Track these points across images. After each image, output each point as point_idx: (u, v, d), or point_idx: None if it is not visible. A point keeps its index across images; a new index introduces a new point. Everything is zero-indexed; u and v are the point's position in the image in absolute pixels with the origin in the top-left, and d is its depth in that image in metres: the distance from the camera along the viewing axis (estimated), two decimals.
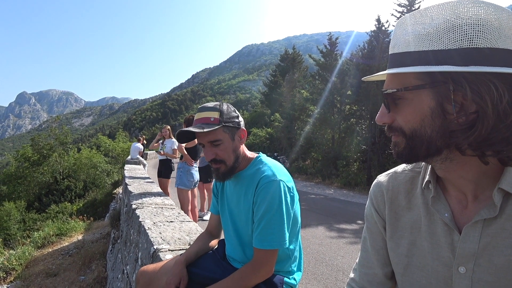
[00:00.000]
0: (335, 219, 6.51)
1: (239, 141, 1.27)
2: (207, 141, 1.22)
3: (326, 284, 3.34)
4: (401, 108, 0.59)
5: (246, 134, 1.31)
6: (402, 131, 0.60)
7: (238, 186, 1.28)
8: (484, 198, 0.59)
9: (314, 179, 14.57)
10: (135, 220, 2.66)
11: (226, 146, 1.22)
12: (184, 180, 4.42)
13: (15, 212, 16.45)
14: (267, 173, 1.18)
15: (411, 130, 0.58)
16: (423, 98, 0.55)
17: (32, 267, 5.64)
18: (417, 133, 0.57)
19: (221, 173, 1.24)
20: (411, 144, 0.59)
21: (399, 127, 0.60)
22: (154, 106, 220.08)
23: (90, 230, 7.72)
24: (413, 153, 0.60)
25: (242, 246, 1.28)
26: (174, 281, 1.23)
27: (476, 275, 0.58)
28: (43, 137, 23.29)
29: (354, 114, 15.25)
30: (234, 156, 1.24)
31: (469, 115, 0.52)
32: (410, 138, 0.59)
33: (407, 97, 0.57)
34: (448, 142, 0.55)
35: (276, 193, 1.13)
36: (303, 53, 28.44)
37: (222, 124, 1.20)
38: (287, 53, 25.06)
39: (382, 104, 0.64)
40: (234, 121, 1.25)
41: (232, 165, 1.24)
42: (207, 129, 1.17)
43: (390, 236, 0.73)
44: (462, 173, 0.59)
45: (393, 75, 0.60)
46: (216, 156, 1.22)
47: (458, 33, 0.51)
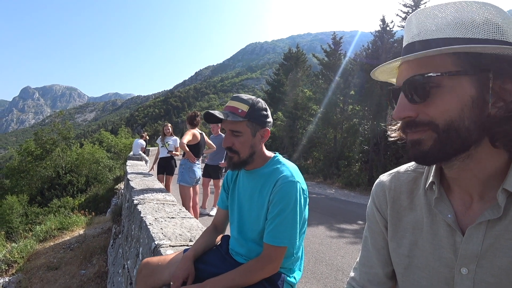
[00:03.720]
0: (336, 219, 6.50)
1: (260, 139, 1.29)
2: (229, 128, 1.26)
3: (325, 284, 3.34)
4: (436, 97, 0.54)
5: (269, 135, 1.33)
6: (433, 124, 0.54)
7: (253, 183, 1.30)
8: (488, 199, 0.59)
9: (315, 179, 14.56)
10: (137, 215, 2.67)
11: (245, 139, 1.25)
12: (186, 177, 4.44)
13: (17, 206, 16.54)
14: (286, 174, 1.21)
15: (448, 122, 0.53)
16: (464, 85, 0.52)
17: (34, 260, 5.68)
18: (454, 125, 0.52)
19: (232, 162, 1.28)
20: (444, 138, 0.53)
21: (427, 120, 0.55)
22: (157, 102, 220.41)
23: (91, 225, 7.76)
24: (444, 150, 0.54)
25: (246, 241, 1.29)
26: (183, 275, 1.24)
27: (478, 276, 0.57)
28: (46, 131, 23.37)
29: (357, 114, 15.23)
30: (250, 151, 1.27)
31: (509, 104, 0.50)
32: (445, 131, 0.53)
33: (446, 84, 0.53)
34: (482, 135, 0.53)
35: (293, 193, 1.17)
36: (307, 52, 28.33)
37: (248, 118, 1.23)
38: (291, 51, 24.97)
39: (400, 96, 0.57)
40: (261, 119, 1.26)
41: (245, 159, 1.27)
42: (230, 118, 1.21)
43: (392, 236, 0.72)
44: (476, 171, 0.57)
45: (419, 61, 0.55)
46: (233, 146, 1.25)
47: (492, 26, 0.52)
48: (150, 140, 21.89)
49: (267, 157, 1.33)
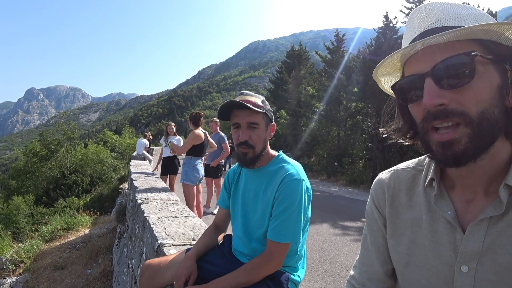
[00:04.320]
0: (340, 216, 6.49)
1: (269, 134, 1.31)
2: (246, 121, 1.23)
3: (329, 281, 3.34)
4: (472, 83, 0.50)
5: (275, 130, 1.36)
6: (466, 115, 0.50)
7: (258, 181, 1.30)
8: (490, 195, 0.58)
9: (319, 176, 14.53)
10: (140, 215, 2.68)
11: (260, 132, 1.26)
12: (190, 175, 4.45)
13: (23, 206, 16.70)
14: (292, 172, 1.22)
15: (480, 111, 0.50)
16: (493, 74, 0.51)
17: (40, 260, 5.73)
18: (486, 115, 0.50)
19: (248, 158, 1.26)
20: (479, 131, 0.50)
21: (460, 110, 0.50)
22: (160, 102, 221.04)
23: (96, 225, 7.80)
24: (478, 147, 0.51)
25: (250, 240, 1.29)
26: (185, 274, 1.24)
27: (479, 274, 0.57)
28: (51, 132, 23.54)
29: (360, 111, 15.13)
30: (263, 145, 1.28)
31: None
32: (479, 123, 0.50)
33: (480, 70, 0.50)
34: (505, 126, 0.51)
35: (298, 191, 1.18)
36: (310, 49, 28.23)
37: (264, 110, 1.25)
38: (294, 49, 24.89)
39: (428, 82, 0.52)
40: (271, 113, 1.31)
41: (259, 153, 1.27)
42: (253, 107, 1.21)
43: (391, 234, 0.72)
44: (488, 167, 0.56)
45: (447, 45, 0.51)
46: (249, 140, 1.24)
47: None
48: (154, 140, 21.94)
49: (271, 155, 1.33)
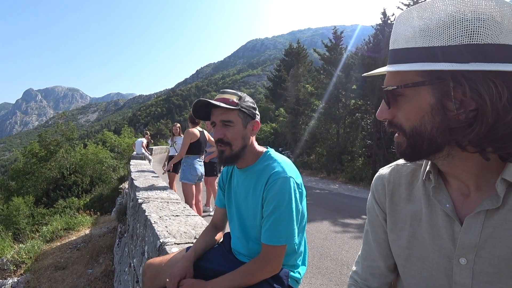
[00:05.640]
0: (340, 213, 6.51)
1: (251, 131, 1.28)
2: (220, 119, 1.23)
3: (330, 278, 3.36)
4: (401, 104, 0.59)
5: (259, 128, 1.32)
6: (402, 128, 0.60)
7: (247, 181, 1.28)
8: (487, 189, 0.59)
9: (319, 174, 14.54)
10: (141, 214, 2.69)
11: (236, 130, 1.23)
12: (187, 174, 4.46)
13: (24, 207, 16.68)
14: (277, 170, 1.18)
15: (412, 127, 0.58)
16: (423, 95, 0.55)
17: (41, 260, 5.74)
18: (417, 130, 0.57)
19: (224, 156, 1.24)
20: (412, 142, 0.59)
21: (399, 124, 0.61)
22: (159, 101, 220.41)
23: (97, 225, 7.81)
24: (415, 151, 0.60)
25: (247, 240, 1.28)
26: (180, 274, 1.23)
27: (477, 266, 0.58)
28: (50, 133, 23.51)
29: (359, 108, 15.13)
30: (242, 143, 1.24)
31: (468, 113, 0.51)
32: (411, 136, 0.59)
33: (407, 93, 0.57)
34: (448, 139, 0.55)
35: (286, 190, 1.14)
36: (308, 47, 28.19)
37: (239, 107, 1.22)
38: (292, 47, 24.86)
39: (382, 100, 0.64)
40: (250, 110, 1.27)
41: (237, 152, 1.24)
42: (223, 105, 1.19)
43: (391, 228, 0.73)
44: (465, 168, 0.59)
45: (393, 71, 0.59)
46: (224, 137, 1.22)
47: (458, 28, 0.50)
48: (153, 139, 21.93)
49: (258, 153, 1.30)
